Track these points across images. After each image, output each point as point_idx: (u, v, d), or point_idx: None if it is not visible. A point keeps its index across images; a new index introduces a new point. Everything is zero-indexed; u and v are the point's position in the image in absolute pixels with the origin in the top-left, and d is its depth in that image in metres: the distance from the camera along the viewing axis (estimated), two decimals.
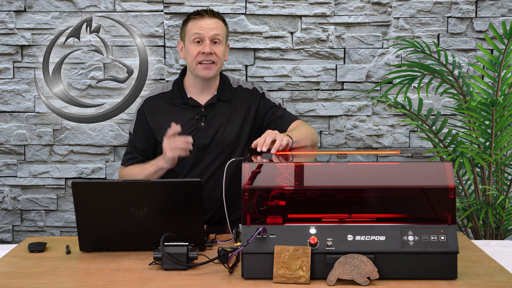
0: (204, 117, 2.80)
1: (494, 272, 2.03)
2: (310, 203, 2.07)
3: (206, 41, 2.74)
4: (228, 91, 2.87)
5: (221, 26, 2.79)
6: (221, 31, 2.78)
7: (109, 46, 3.45)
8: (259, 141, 2.39)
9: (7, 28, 3.42)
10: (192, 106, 2.82)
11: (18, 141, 3.47)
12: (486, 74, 3.08)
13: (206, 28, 2.75)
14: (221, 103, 2.84)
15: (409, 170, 2.12)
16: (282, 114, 2.88)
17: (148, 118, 2.84)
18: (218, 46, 2.77)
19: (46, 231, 3.53)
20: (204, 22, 2.76)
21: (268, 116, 2.88)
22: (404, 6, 3.44)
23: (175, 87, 2.87)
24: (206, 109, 2.82)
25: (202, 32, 2.74)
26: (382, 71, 3.47)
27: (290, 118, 2.88)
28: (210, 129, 2.78)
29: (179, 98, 2.84)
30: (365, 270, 1.91)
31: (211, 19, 2.77)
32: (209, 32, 2.75)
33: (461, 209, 3.13)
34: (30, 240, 2.41)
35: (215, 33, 2.75)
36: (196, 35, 2.75)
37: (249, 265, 1.95)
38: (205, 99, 2.84)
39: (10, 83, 3.45)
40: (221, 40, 2.78)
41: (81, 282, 1.97)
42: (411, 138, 3.52)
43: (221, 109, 2.83)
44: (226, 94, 2.85)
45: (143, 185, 2.23)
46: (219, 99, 2.84)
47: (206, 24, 2.75)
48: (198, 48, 2.75)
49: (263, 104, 2.88)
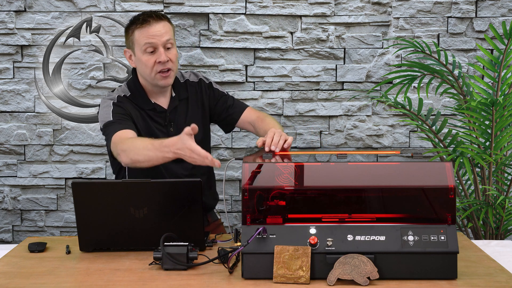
0: (172, 122, 2.69)
1: (494, 272, 2.03)
2: (310, 203, 2.07)
3: (160, 49, 2.57)
4: (181, 88, 2.74)
5: (169, 29, 2.62)
6: (171, 34, 2.62)
7: (109, 46, 3.45)
8: (267, 141, 2.32)
9: (7, 28, 3.42)
10: (159, 111, 2.68)
11: (18, 141, 3.47)
12: (486, 74, 3.08)
13: (157, 36, 2.57)
14: (180, 103, 2.72)
15: (409, 170, 2.12)
16: (232, 103, 2.78)
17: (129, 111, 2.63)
18: (171, 51, 2.61)
19: (46, 231, 3.53)
20: (152, 29, 2.57)
21: (219, 106, 2.77)
22: (404, 6, 3.44)
23: (133, 91, 2.68)
24: (171, 114, 2.69)
25: (154, 41, 2.56)
26: (382, 71, 3.47)
27: (241, 106, 2.78)
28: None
29: (144, 103, 2.66)
30: (365, 270, 1.91)
31: (158, 24, 2.58)
32: (160, 39, 2.57)
33: (461, 209, 3.13)
34: (30, 240, 2.41)
35: (166, 38, 2.58)
36: (147, 44, 2.57)
37: (249, 265, 1.95)
38: (166, 102, 2.70)
39: (10, 83, 3.45)
40: (172, 43, 2.63)
41: (81, 282, 1.97)
42: (411, 138, 3.52)
43: (180, 109, 2.71)
44: (182, 93, 2.73)
45: (143, 185, 2.23)
46: (179, 99, 2.71)
47: (155, 31, 2.57)
48: (153, 58, 2.57)
49: (213, 96, 2.77)
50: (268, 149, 2.31)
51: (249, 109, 2.80)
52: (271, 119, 2.75)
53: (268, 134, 2.37)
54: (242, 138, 3.47)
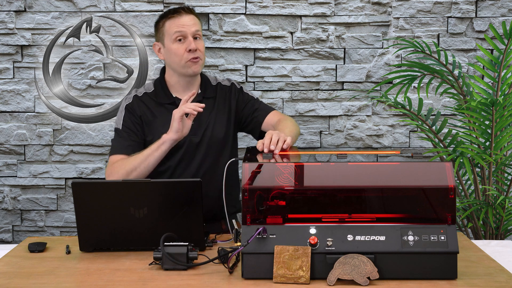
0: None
1: (494, 272, 2.03)
2: (310, 203, 2.07)
3: (189, 38, 2.71)
4: (210, 88, 2.84)
5: (198, 22, 2.77)
6: (199, 27, 2.76)
7: (109, 46, 3.45)
8: (265, 142, 2.36)
9: (7, 28, 3.42)
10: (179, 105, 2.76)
11: (18, 141, 3.47)
12: (486, 74, 3.08)
13: (186, 25, 2.71)
14: (206, 100, 2.80)
15: (409, 170, 2.12)
16: (259, 106, 2.86)
17: (140, 114, 2.77)
18: (200, 42, 2.75)
19: (46, 231, 3.53)
20: (183, 19, 2.72)
21: (246, 109, 2.86)
22: (404, 6, 3.44)
23: (157, 87, 2.81)
24: None
25: (184, 30, 2.71)
26: (382, 71, 3.48)
27: (265, 110, 2.86)
28: (200, 128, 2.76)
29: (165, 98, 2.79)
30: (365, 270, 1.91)
31: (188, 16, 2.73)
32: (190, 29, 2.71)
33: (461, 209, 3.13)
34: (30, 240, 2.41)
35: (196, 29, 2.73)
36: (178, 33, 2.71)
37: (249, 265, 1.95)
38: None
39: (10, 83, 3.45)
40: (200, 35, 2.76)
41: (81, 282, 1.97)
42: (411, 138, 3.52)
43: (206, 106, 2.75)
44: (209, 92, 2.83)
45: (143, 185, 2.23)
46: (204, 97, 2.81)
47: (185, 21, 2.72)
48: (183, 46, 2.71)
49: (241, 99, 2.86)
50: (267, 150, 2.33)
51: (274, 113, 2.86)
52: (288, 121, 2.79)
53: (266, 135, 2.40)
54: (242, 138, 3.47)
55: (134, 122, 2.74)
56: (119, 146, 2.73)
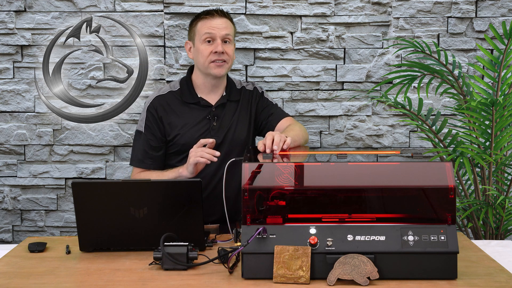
0: (216, 117, 2.83)
1: (494, 272, 2.03)
2: (310, 203, 2.07)
3: (217, 41, 2.76)
4: (235, 91, 2.91)
5: (230, 26, 2.82)
6: (230, 31, 2.81)
7: (109, 46, 3.45)
8: (267, 143, 2.39)
9: (7, 28, 3.42)
10: (203, 105, 2.84)
11: (18, 141, 3.47)
12: (486, 74, 3.08)
13: (217, 28, 2.77)
14: (230, 103, 2.87)
15: (409, 170, 2.12)
16: (275, 111, 2.92)
17: (161, 115, 2.83)
18: (229, 46, 2.80)
19: (46, 231, 3.53)
20: (214, 22, 2.78)
21: (264, 113, 2.92)
22: (404, 6, 3.44)
23: (183, 86, 2.88)
24: (217, 109, 2.84)
25: (214, 32, 2.76)
26: (382, 71, 3.47)
27: (279, 115, 2.91)
28: (222, 129, 2.81)
29: (190, 97, 2.85)
30: (365, 270, 1.91)
31: (221, 19, 2.80)
32: (220, 32, 2.77)
33: (461, 209, 3.13)
34: (30, 240, 2.41)
35: (226, 32, 2.78)
36: (207, 34, 2.77)
37: (249, 265, 1.95)
38: (215, 99, 2.86)
39: (10, 83, 3.45)
40: (231, 39, 2.81)
41: (81, 282, 1.97)
42: (411, 138, 3.52)
43: (229, 109, 2.86)
44: (234, 95, 2.89)
45: (143, 185, 2.23)
46: (228, 99, 2.87)
47: (217, 24, 2.78)
48: (210, 48, 2.77)
49: (261, 103, 2.93)
50: (270, 151, 2.34)
51: (287, 119, 2.91)
52: (297, 126, 2.84)
53: (266, 136, 2.42)
54: None
55: (155, 125, 2.81)
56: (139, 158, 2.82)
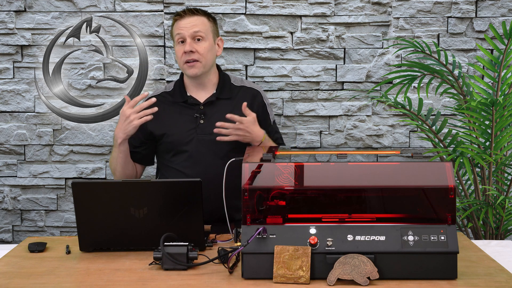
0: (204, 115, 2.81)
1: (494, 272, 2.03)
2: (310, 203, 2.07)
3: (187, 40, 2.76)
4: (228, 89, 2.87)
5: (202, 23, 2.79)
6: (202, 27, 2.78)
7: (109, 46, 3.45)
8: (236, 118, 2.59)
9: (7, 28, 3.42)
10: (191, 104, 2.84)
11: (18, 141, 3.47)
12: (486, 74, 3.08)
13: (185, 27, 2.76)
14: (221, 101, 2.84)
15: (409, 170, 2.12)
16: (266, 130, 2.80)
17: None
18: (201, 43, 2.78)
19: (46, 231, 3.53)
20: (183, 22, 2.78)
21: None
22: (404, 6, 3.44)
23: (176, 86, 2.90)
24: (205, 107, 2.83)
25: (182, 32, 2.77)
26: (382, 71, 3.48)
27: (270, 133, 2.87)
28: (210, 127, 2.77)
29: (179, 97, 2.86)
30: (365, 270, 1.91)
31: (190, 18, 2.78)
32: (188, 31, 2.76)
33: (461, 209, 3.13)
34: (30, 240, 2.41)
35: (194, 30, 2.77)
36: (178, 35, 2.78)
37: (249, 265, 1.95)
38: (204, 97, 2.85)
39: (10, 83, 3.45)
40: (203, 36, 2.78)
41: (81, 282, 1.97)
42: (411, 138, 3.52)
43: (221, 107, 2.82)
44: (225, 92, 2.86)
45: (143, 185, 2.23)
46: (218, 97, 2.84)
47: (185, 24, 2.77)
48: (182, 48, 2.77)
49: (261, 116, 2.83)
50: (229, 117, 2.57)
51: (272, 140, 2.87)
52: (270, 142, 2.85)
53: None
54: None
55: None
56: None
